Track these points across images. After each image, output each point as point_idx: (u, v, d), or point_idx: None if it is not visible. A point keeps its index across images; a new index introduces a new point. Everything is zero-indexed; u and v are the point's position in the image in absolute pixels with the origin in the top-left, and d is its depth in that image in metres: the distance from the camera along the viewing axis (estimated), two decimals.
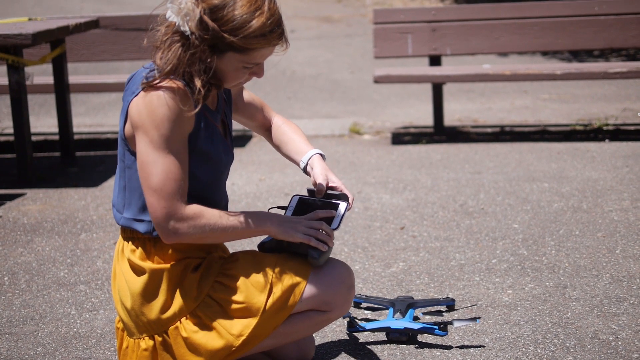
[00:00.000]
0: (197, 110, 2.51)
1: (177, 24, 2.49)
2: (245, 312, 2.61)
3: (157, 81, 2.49)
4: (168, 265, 2.61)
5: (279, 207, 2.77)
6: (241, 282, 2.63)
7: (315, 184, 2.74)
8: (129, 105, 2.55)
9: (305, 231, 2.61)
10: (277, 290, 2.63)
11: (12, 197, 5.14)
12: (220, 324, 2.60)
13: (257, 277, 2.63)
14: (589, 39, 6.44)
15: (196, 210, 2.53)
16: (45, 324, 3.40)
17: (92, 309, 3.52)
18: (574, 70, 6.14)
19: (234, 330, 2.60)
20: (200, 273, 2.63)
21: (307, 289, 2.66)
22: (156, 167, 2.49)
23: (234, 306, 2.61)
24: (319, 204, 2.72)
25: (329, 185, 2.75)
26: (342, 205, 2.70)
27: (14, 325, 3.40)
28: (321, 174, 2.75)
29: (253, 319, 2.61)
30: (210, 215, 2.55)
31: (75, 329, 3.34)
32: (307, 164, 2.80)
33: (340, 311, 2.73)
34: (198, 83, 2.49)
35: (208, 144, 2.61)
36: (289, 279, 2.64)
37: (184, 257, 2.63)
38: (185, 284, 2.62)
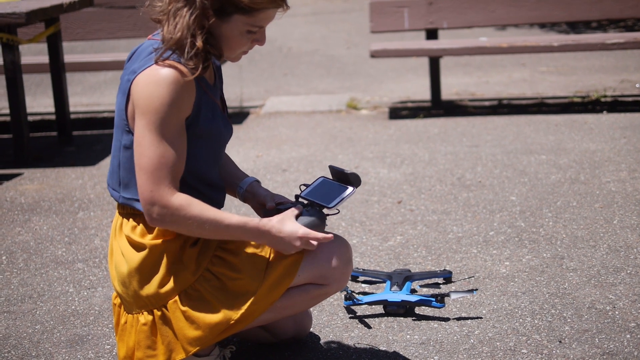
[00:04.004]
0: (197, 74, 2.48)
1: None
2: (244, 286, 2.62)
3: (163, 55, 2.47)
4: (167, 240, 2.60)
5: (304, 185, 2.77)
6: (239, 256, 2.63)
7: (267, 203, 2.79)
8: (131, 84, 2.54)
9: (298, 250, 2.63)
10: (275, 264, 2.63)
11: (9, 177, 5.14)
12: (219, 297, 2.61)
13: (256, 251, 2.64)
14: (586, 11, 6.40)
15: (183, 202, 2.49)
16: (44, 302, 3.40)
17: (90, 286, 3.53)
18: (571, 42, 6.12)
19: (232, 304, 2.60)
20: (199, 247, 2.63)
21: (305, 263, 2.65)
22: (151, 149, 2.48)
23: (233, 280, 2.61)
24: (334, 186, 2.73)
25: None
26: (349, 189, 2.70)
27: (12, 303, 3.40)
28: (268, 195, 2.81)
29: (251, 292, 2.61)
30: (200, 211, 2.50)
31: (73, 307, 3.34)
32: (245, 189, 2.83)
33: (338, 285, 2.73)
34: (199, 43, 2.47)
35: (209, 121, 2.60)
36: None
37: None
38: (184, 258, 2.62)
